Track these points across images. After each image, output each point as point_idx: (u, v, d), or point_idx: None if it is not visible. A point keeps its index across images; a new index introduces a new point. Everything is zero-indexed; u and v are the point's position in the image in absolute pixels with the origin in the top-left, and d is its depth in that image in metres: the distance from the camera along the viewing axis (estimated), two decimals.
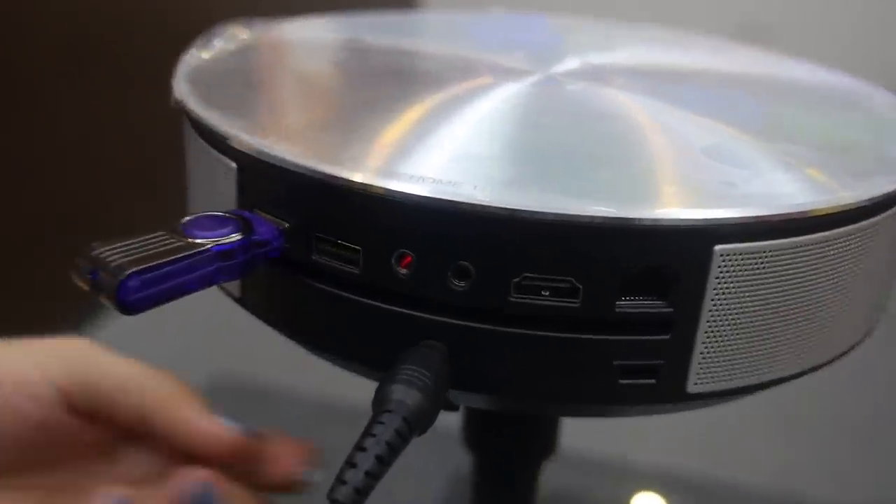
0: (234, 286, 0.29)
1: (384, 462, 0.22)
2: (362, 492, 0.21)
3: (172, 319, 1.11)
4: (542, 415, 0.36)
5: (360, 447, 0.22)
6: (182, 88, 0.31)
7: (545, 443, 0.39)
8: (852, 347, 0.29)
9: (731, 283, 0.24)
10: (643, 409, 0.27)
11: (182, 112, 0.31)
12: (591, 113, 0.31)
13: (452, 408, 0.29)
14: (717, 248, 0.24)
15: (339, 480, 0.21)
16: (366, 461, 0.22)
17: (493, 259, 0.24)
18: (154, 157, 0.97)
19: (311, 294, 0.26)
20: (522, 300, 0.24)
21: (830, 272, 0.26)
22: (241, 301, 0.29)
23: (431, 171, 0.25)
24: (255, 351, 1.10)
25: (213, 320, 1.11)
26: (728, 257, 0.24)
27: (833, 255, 0.26)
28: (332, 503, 0.21)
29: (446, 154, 0.26)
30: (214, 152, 0.28)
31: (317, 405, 0.92)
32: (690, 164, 0.26)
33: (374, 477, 0.21)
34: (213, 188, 0.29)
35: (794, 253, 0.25)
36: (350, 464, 0.22)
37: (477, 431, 0.39)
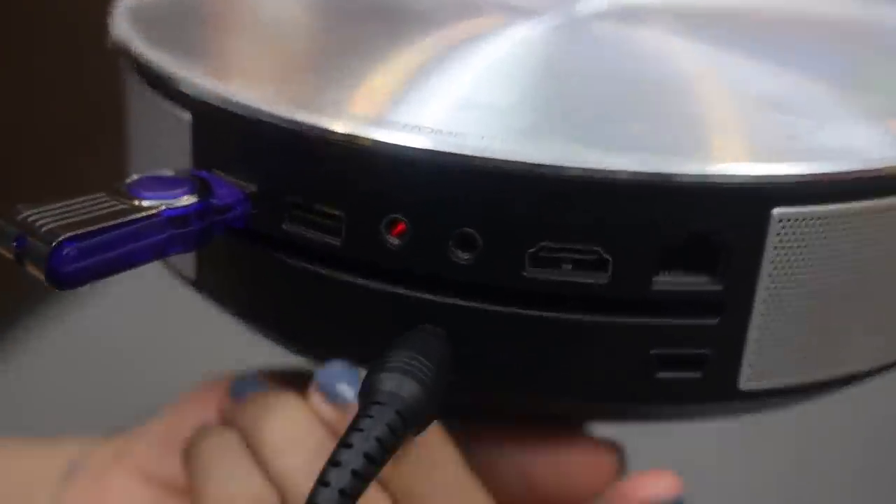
0: (187, 266, 0.30)
1: (374, 461, 0.23)
2: (348, 494, 0.22)
3: (147, 315, 1.11)
4: (563, 418, 0.37)
5: (344, 444, 0.23)
6: (121, 27, 0.32)
7: None
8: None
9: (793, 254, 0.25)
10: (685, 409, 0.28)
11: (121, 55, 0.31)
12: (623, 58, 0.32)
13: (453, 412, 0.30)
14: (776, 211, 0.25)
15: (321, 482, 0.22)
16: (352, 459, 0.22)
17: (504, 225, 0.25)
18: (92, 110, 0.99)
19: (283, 272, 0.27)
20: (539, 275, 0.25)
21: None
22: (196, 284, 0.30)
23: (429, 120, 0.26)
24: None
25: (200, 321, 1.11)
26: (789, 223, 0.25)
27: None
28: None
29: (448, 102, 0.27)
30: (162, 101, 0.29)
31: None
32: (744, 114, 0.27)
33: (361, 478, 0.22)
34: (161, 145, 0.30)
35: (869, 219, 0.26)
36: (333, 462, 0.22)
37: None
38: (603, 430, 0.32)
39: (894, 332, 0.28)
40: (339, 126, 0.25)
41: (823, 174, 0.25)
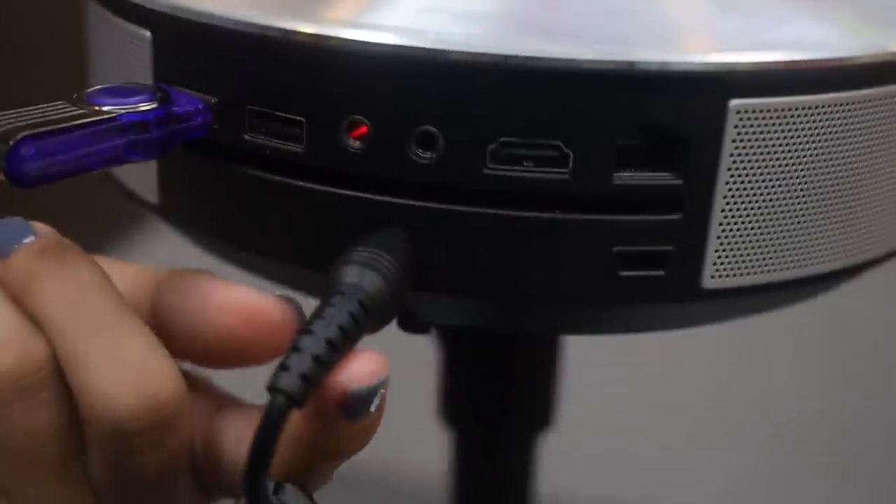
0: (149, 191, 0.30)
1: (335, 347, 0.23)
2: (310, 380, 0.22)
3: None
4: (527, 330, 0.37)
5: (305, 330, 0.23)
6: None
7: (538, 405, 0.40)
8: (888, 255, 0.30)
9: (752, 147, 0.26)
10: (650, 312, 0.28)
11: None
12: None
13: (421, 328, 0.30)
14: (734, 102, 0.25)
15: (282, 367, 0.22)
16: (313, 345, 0.22)
17: (464, 121, 0.25)
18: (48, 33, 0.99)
19: (246, 183, 0.27)
20: (500, 172, 0.25)
21: (878, 139, 0.27)
22: (160, 209, 0.30)
23: (388, 22, 0.26)
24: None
25: None
26: (747, 115, 0.25)
27: (881, 117, 0.27)
28: (274, 392, 0.22)
29: (409, 8, 0.27)
30: (122, 22, 0.29)
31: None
32: (705, 13, 0.28)
33: (322, 364, 0.22)
34: (122, 65, 0.30)
35: (828, 112, 0.26)
36: (295, 348, 0.22)
37: (456, 393, 0.40)
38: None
39: (857, 232, 0.28)
40: (297, 27, 0.25)
41: (780, 63, 0.25)
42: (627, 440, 0.99)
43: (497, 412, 0.40)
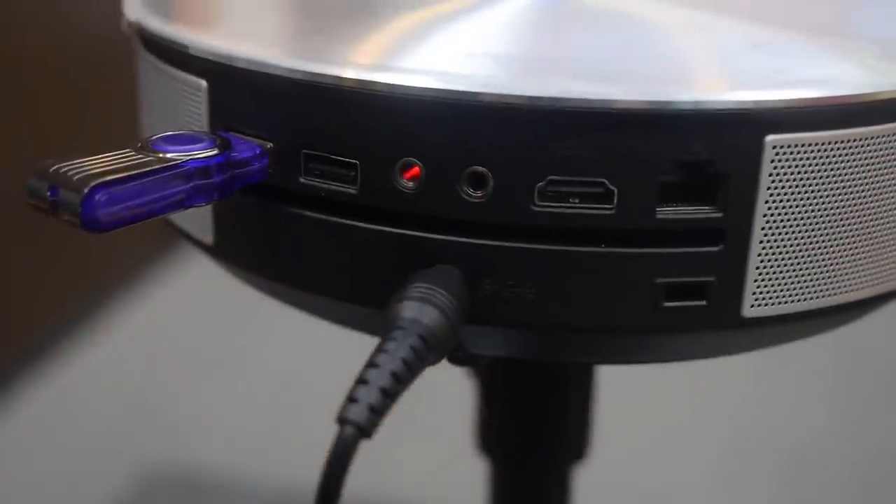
0: (205, 232, 0.32)
1: (400, 380, 0.24)
2: (377, 410, 0.23)
3: (91, 392, 1.12)
4: (571, 360, 0.38)
5: (371, 364, 0.24)
6: (134, 8, 0.33)
7: (575, 437, 0.41)
8: None
9: (788, 180, 0.27)
10: (692, 342, 0.29)
11: (136, 35, 0.33)
12: (616, 18, 0.33)
13: (467, 361, 0.31)
14: (770, 138, 0.26)
15: (351, 399, 0.23)
16: (379, 378, 0.24)
17: (512, 160, 0.26)
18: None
19: (302, 224, 0.29)
20: (548, 209, 0.27)
21: None
22: (215, 249, 0.31)
23: (437, 65, 0.27)
24: (199, 431, 1.11)
25: (142, 395, 1.13)
26: (782, 149, 0.27)
27: None
28: (343, 424, 0.23)
29: (452, 52, 0.29)
30: (179, 73, 0.30)
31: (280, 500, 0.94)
32: (732, 55, 0.29)
33: (388, 395, 0.24)
34: (177, 113, 0.31)
35: (859, 145, 0.27)
36: (362, 381, 0.24)
37: (493, 426, 0.41)
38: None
39: (890, 259, 0.29)
40: (348, 73, 0.27)
41: (812, 99, 0.26)
42: (651, 469, 1.00)
43: (534, 444, 0.41)
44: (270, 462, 0.99)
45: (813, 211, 0.28)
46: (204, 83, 0.30)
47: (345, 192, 0.28)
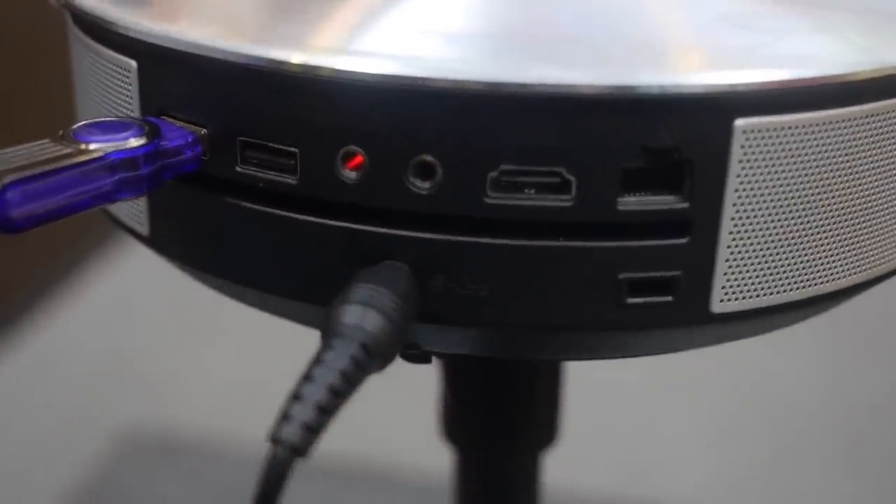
0: (140, 221, 0.30)
1: (338, 394, 0.22)
2: (312, 429, 0.22)
3: (69, 346, 1.12)
4: (532, 358, 0.37)
5: (306, 377, 0.22)
6: None
7: (544, 424, 0.40)
8: None
9: (759, 167, 0.25)
10: (658, 337, 0.28)
11: (65, 9, 0.31)
12: None
13: (423, 359, 0.29)
14: (739, 122, 0.25)
15: (284, 416, 0.22)
16: (315, 392, 0.22)
17: (463, 149, 0.24)
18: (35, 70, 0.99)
19: (239, 215, 0.27)
20: (501, 201, 0.25)
21: (883, 153, 0.27)
22: (150, 239, 0.30)
23: (380, 48, 0.25)
24: (175, 391, 1.10)
25: (118, 354, 1.12)
26: (752, 134, 0.25)
27: (885, 130, 0.26)
28: (276, 444, 0.21)
29: (400, 32, 0.27)
30: (108, 51, 0.28)
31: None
32: (701, 31, 0.27)
33: (325, 412, 0.22)
34: (108, 97, 0.29)
35: (835, 128, 0.25)
36: (296, 397, 0.22)
37: (459, 413, 0.39)
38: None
39: (867, 248, 0.28)
40: (288, 56, 0.25)
41: (784, 81, 0.25)
42: (630, 444, 0.99)
43: (501, 431, 0.40)
44: (246, 423, 0.98)
45: (785, 199, 0.26)
46: (134, 63, 0.28)
47: (284, 182, 0.26)
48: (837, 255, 0.27)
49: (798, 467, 0.96)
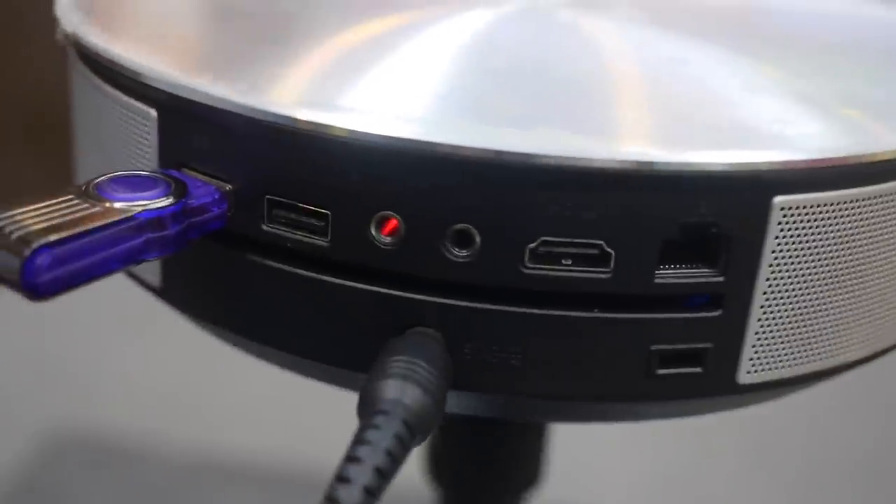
0: (151, 272, 0.29)
1: (384, 475, 0.22)
2: None
3: None
4: (557, 422, 0.36)
5: (352, 458, 0.22)
6: (71, 17, 0.30)
7: (530, 467, 0.39)
8: None
9: (794, 243, 0.25)
10: (683, 405, 0.27)
11: (72, 48, 0.30)
12: (591, 49, 0.31)
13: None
14: (777, 199, 0.25)
15: (330, 500, 0.21)
16: (362, 474, 0.21)
17: (503, 219, 0.24)
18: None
19: (264, 275, 0.26)
20: (539, 272, 0.24)
21: None
22: (162, 291, 0.29)
23: (414, 108, 0.25)
24: (113, 387, 1.08)
25: (50, 347, 1.09)
26: (790, 211, 0.25)
27: None
28: None
29: (428, 91, 0.26)
30: (124, 97, 0.27)
31: (195, 466, 0.91)
32: (731, 105, 0.27)
33: (372, 494, 0.21)
34: (121, 146, 0.28)
35: (868, 205, 0.26)
36: (342, 479, 0.21)
37: (447, 458, 0.39)
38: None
39: (886, 321, 0.28)
40: (321, 118, 0.24)
41: (821, 160, 0.25)
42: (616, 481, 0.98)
43: (487, 474, 0.39)
44: (171, 424, 0.96)
45: (816, 273, 0.26)
46: (154, 113, 0.27)
47: (314, 244, 0.25)
48: (859, 326, 0.27)
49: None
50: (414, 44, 0.29)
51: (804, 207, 0.25)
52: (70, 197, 0.24)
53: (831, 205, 0.25)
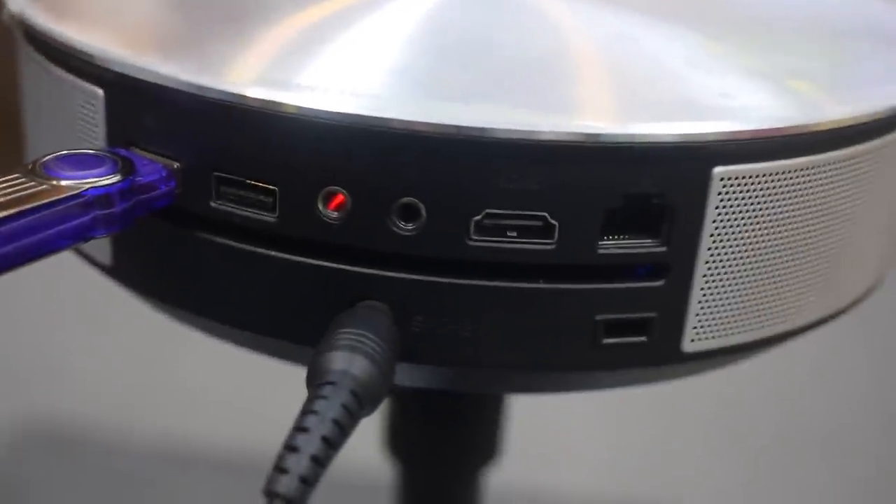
0: (102, 251, 0.29)
1: (332, 445, 0.22)
2: (308, 481, 0.21)
3: None
4: (505, 393, 0.37)
5: (300, 427, 0.22)
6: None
7: (487, 443, 0.40)
8: (865, 294, 0.31)
9: (734, 213, 0.26)
10: (627, 375, 0.28)
11: (19, 29, 0.30)
12: (542, 26, 0.31)
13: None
14: (717, 170, 0.25)
15: (279, 469, 0.21)
16: (310, 444, 0.22)
17: (449, 193, 0.24)
18: None
19: (213, 252, 0.26)
20: (484, 244, 0.25)
21: (847, 198, 0.27)
22: (113, 270, 0.29)
23: (363, 85, 0.25)
24: (79, 378, 1.08)
25: (20, 336, 1.09)
26: (729, 181, 0.25)
27: (846, 175, 0.27)
28: (271, 497, 0.21)
29: (377, 67, 0.26)
30: (70, 77, 0.27)
31: (161, 456, 0.91)
32: (675, 78, 0.27)
33: (320, 463, 0.22)
34: (68, 125, 0.28)
35: (805, 175, 0.26)
36: (290, 448, 0.21)
37: (404, 433, 0.39)
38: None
39: (826, 290, 0.28)
40: (271, 95, 0.24)
41: (760, 131, 0.25)
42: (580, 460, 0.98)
43: (444, 448, 0.40)
44: (138, 415, 0.96)
45: (756, 243, 0.26)
46: (100, 92, 0.27)
47: (262, 220, 0.25)
48: (801, 294, 0.28)
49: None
50: (366, 23, 0.29)
51: (743, 178, 0.25)
52: (16, 176, 0.24)
53: (770, 175, 0.26)
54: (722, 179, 0.25)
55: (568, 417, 0.92)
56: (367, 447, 0.39)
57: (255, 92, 0.24)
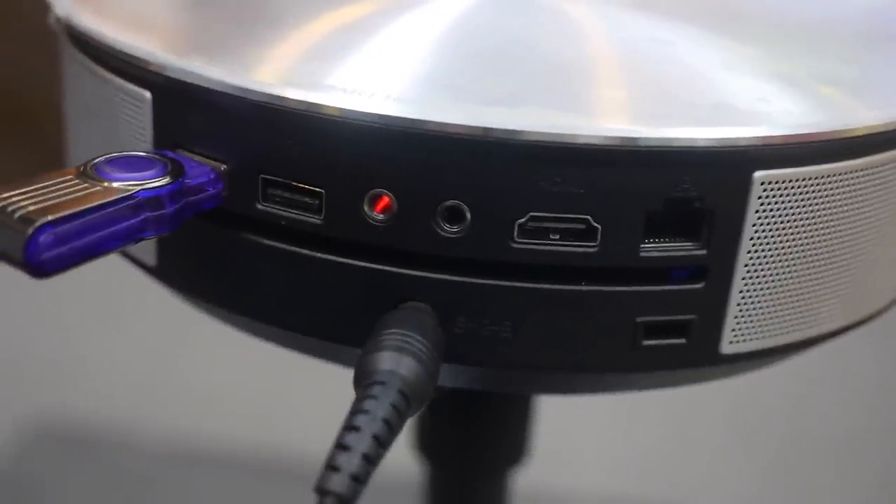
0: (146, 252, 0.29)
1: (382, 443, 0.22)
2: (360, 479, 0.22)
3: None
4: (545, 394, 0.37)
5: (351, 427, 0.22)
6: (63, 1, 0.30)
7: (516, 443, 0.40)
8: None
9: (773, 217, 0.26)
10: (664, 377, 0.28)
11: (64, 32, 0.30)
12: (574, 31, 0.32)
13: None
14: (758, 174, 0.25)
15: (331, 467, 0.21)
16: (361, 442, 0.22)
17: (493, 196, 0.25)
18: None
19: (259, 254, 0.26)
20: (528, 246, 0.25)
21: (883, 201, 0.28)
22: (157, 271, 0.29)
23: (407, 90, 0.25)
24: (91, 377, 1.08)
25: (32, 335, 1.09)
26: (770, 185, 0.25)
27: (884, 180, 0.27)
28: (323, 495, 0.21)
29: (415, 71, 0.27)
30: (117, 80, 0.28)
31: (173, 455, 0.91)
32: (709, 81, 0.28)
33: (371, 461, 0.22)
34: (114, 127, 0.28)
35: (846, 179, 0.26)
36: (342, 447, 0.22)
37: (434, 431, 0.40)
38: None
39: (865, 289, 0.29)
40: (320, 98, 0.25)
41: (801, 136, 0.25)
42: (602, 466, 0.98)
43: (473, 448, 0.40)
44: (150, 413, 0.96)
45: (795, 246, 0.27)
46: (148, 94, 0.27)
47: (308, 222, 0.26)
48: (837, 297, 0.28)
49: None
50: (398, 26, 0.30)
51: (783, 182, 0.26)
52: (69, 177, 0.24)
53: (809, 179, 0.26)
54: (763, 184, 0.25)
55: (585, 419, 0.93)
56: (397, 447, 0.40)
57: (299, 94, 0.25)
